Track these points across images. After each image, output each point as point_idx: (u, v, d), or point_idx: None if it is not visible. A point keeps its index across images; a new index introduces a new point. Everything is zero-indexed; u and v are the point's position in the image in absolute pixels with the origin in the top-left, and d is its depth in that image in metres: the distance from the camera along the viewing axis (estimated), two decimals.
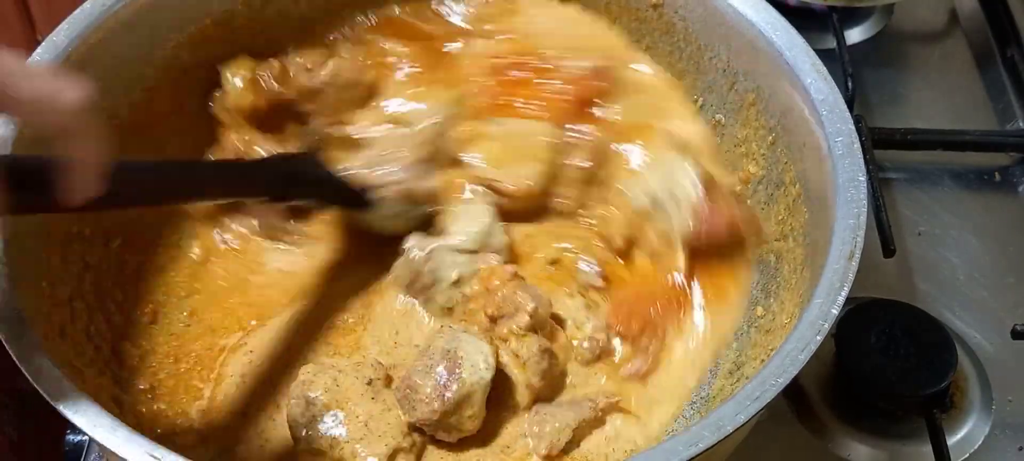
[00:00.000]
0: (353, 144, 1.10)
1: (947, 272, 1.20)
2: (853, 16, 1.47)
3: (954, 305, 1.17)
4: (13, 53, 0.68)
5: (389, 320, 1.04)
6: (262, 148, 1.09)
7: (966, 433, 1.07)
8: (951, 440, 1.05)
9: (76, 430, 0.77)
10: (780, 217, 1.02)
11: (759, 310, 1.01)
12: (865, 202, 0.88)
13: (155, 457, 0.73)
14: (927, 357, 1.06)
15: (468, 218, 1.06)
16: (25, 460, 1.14)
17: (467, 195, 1.09)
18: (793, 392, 1.08)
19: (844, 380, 1.08)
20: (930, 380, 1.04)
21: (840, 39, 1.37)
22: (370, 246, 1.08)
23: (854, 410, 1.07)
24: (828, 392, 1.08)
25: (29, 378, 0.78)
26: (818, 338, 0.80)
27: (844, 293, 0.82)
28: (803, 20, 1.07)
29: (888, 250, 1.14)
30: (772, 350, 0.84)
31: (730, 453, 0.86)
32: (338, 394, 0.92)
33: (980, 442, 1.06)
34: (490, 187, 1.09)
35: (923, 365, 1.05)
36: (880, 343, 1.06)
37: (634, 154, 1.08)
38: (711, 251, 1.01)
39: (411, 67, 1.15)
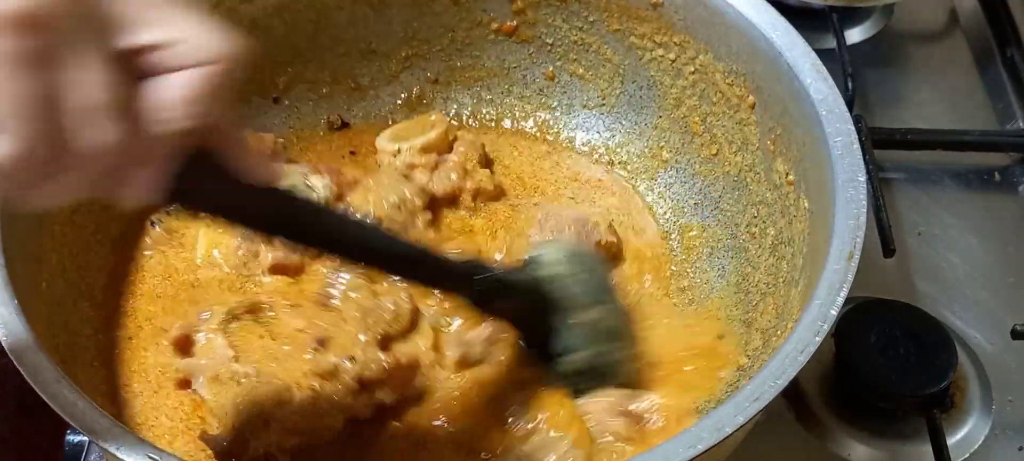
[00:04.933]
0: None
1: (947, 272, 1.20)
2: (853, 16, 1.47)
3: (954, 305, 1.16)
4: None
5: None
6: None
7: (966, 433, 1.07)
8: (951, 440, 1.05)
9: (76, 430, 0.76)
10: (779, 217, 1.02)
11: (759, 311, 1.01)
12: (865, 202, 0.88)
13: (153, 458, 0.73)
14: (927, 357, 1.05)
15: None
16: (23, 457, 1.13)
17: None
18: (793, 392, 1.08)
19: (844, 380, 1.07)
20: (930, 380, 1.04)
21: (840, 39, 1.37)
22: None
23: (854, 410, 1.07)
24: (828, 392, 1.08)
25: (28, 378, 0.78)
26: (817, 339, 0.80)
27: (843, 293, 0.82)
28: (803, 20, 1.07)
29: (888, 250, 1.14)
30: (772, 351, 0.84)
31: (729, 453, 0.86)
32: None
33: (980, 442, 1.06)
34: None
35: (923, 365, 1.05)
36: (880, 343, 1.06)
37: None
38: None
39: None
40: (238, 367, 0.92)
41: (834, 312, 0.81)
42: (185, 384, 0.97)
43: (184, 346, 0.97)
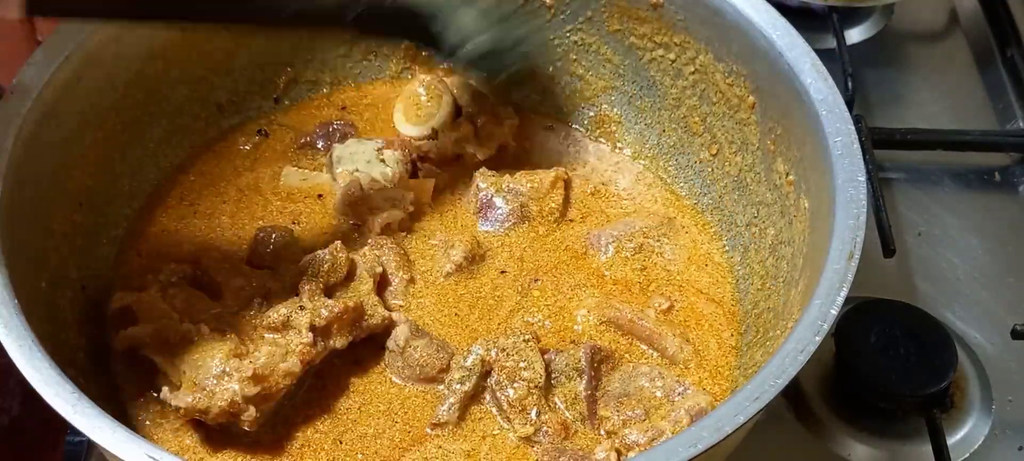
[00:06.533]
0: None
1: (947, 272, 1.20)
2: (853, 16, 1.47)
3: (954, 305, 1.17)
4: None
5: None
6: None
7: (966, 433, 1.07)
8: (951, 440, 1.05)
9: (76, 430, 0.77)
10: (778, 217, 1.02)
11: (759, 311, 1.01)
12: (865, 202, 0.88)
13: (153, 458, 0.73)
14: (927, 357, 1.06)
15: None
16: (28, 437, 1.13)
17: None
18: (793, 392, 1.08)
19: (844, 380, 1.08)
20: (930, 380, 1.04)
21: (840, 39, 1.37)
22: None
23: (854, 410, 1.07)
24: (828, 392, 1.08)
25: (28, 378, 0.78)
26: (817, 339, 0.80)
27: (843, 293, 0.82)
28: (803, 20, 1.07)
29: (888, 250, 1.14)
30: (772, 350, 0.84)
31: (730, 453, 0.86)
32: None
33: (980, 442, 1.06)
34: None
35: (923, 365, 1.05)
36: (880, 343, 1.06)
37: None
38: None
39: None
40: (188, 326, 0.93)
41: (834, 312, 0.81)
42: (137, 362, 0.97)
43: (126, 318, 0.97)
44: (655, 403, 0.94)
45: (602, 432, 0.94)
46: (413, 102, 1.17)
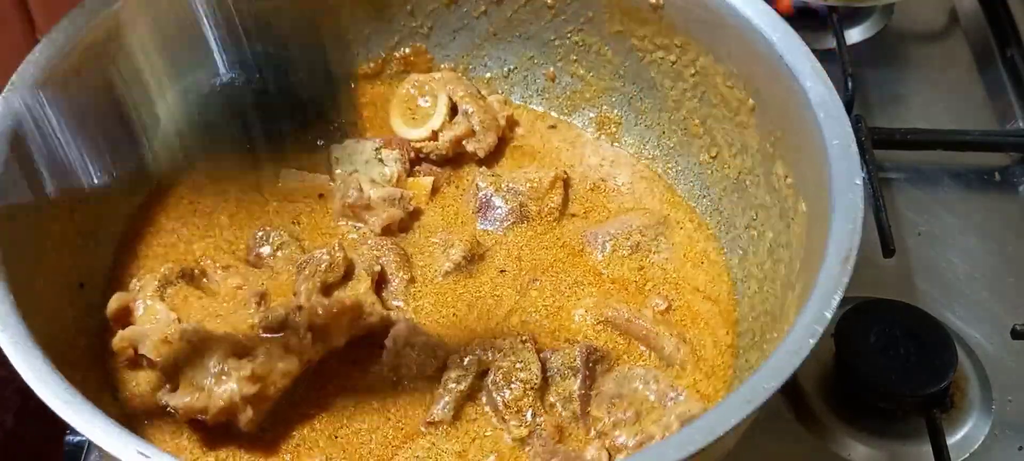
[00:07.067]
0: None
1: (947, 272, 1.20)
2: (853, 16, 1.47)
3: (954, 305, 1.16)
4: None
5: None
6: None
7: (966, 433, 1.07)
8: (951, 440, 1.05)
9: (76, 430, 0.77)
10: (777, 220, 1.02)
11: (755, 314, 1.01)
12: (862, 205, 0.88)
13: (146, 456, 0.73)
14: (927, 357, 1.05)
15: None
16: (23, 451, 1.14)
17: None
18: (792, 392, 1.08)
19: (844, 380, 1.07)
20: (930, 380, 1.04)
21: (840, 39, 1.37)
22: None
23: (854, 410, 1.07)
24: (827, 392, 1.08)
25: (26, 378, 0.78)
26: (812, 342, 0.80)
27: (838, 296, 0.82)
28: (803, 20, 1.07)
29: (888, 250, 1.14)
30: (767, 353, 0.84)
31: (728, 452, 0.86)
32: None
33: (980, 442, 1.06)
34: None
35: (923, 365, 1.05)
36: (880, 343, 1.06)
37: None
38: None
39: None
40: (186, 327, 0.93)
41: (829, 315, 0.81)
42: (135, 362, 0.97)
43: (124, 318, 0.98)
44: (647, 407, 0.94)
45: (593, 432, 0.94)
46: (408, 105, 1.18)
